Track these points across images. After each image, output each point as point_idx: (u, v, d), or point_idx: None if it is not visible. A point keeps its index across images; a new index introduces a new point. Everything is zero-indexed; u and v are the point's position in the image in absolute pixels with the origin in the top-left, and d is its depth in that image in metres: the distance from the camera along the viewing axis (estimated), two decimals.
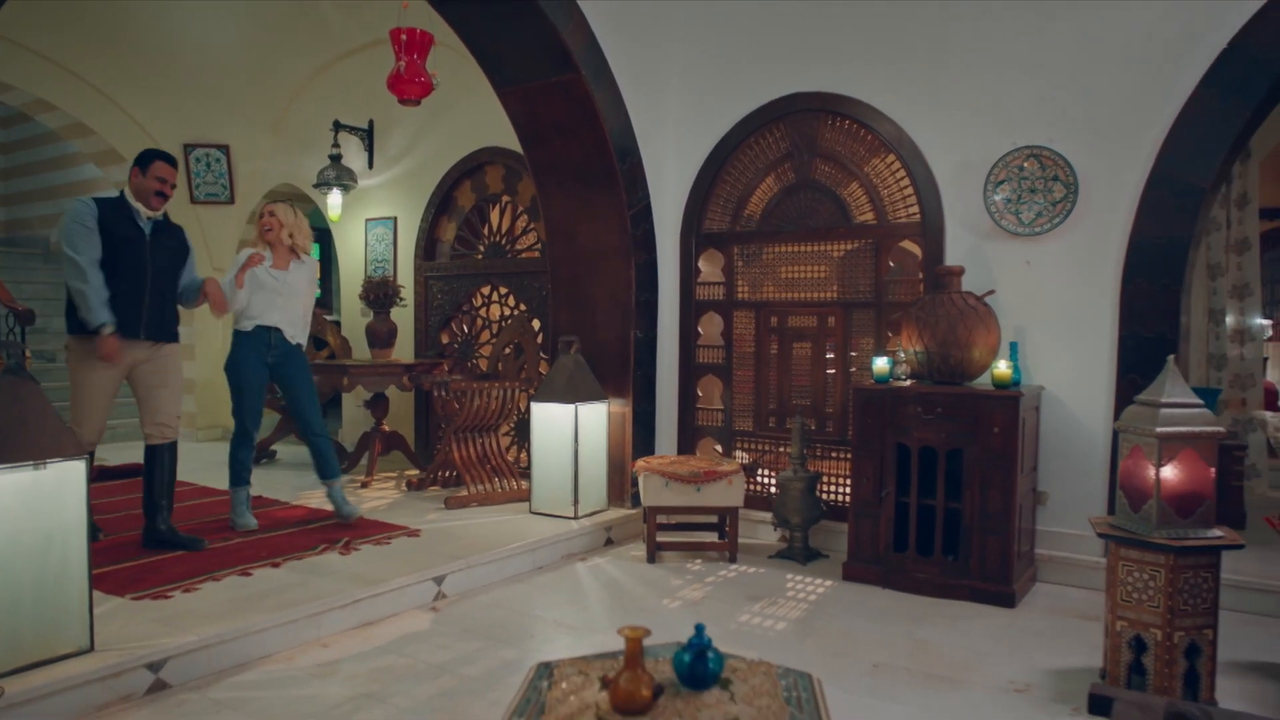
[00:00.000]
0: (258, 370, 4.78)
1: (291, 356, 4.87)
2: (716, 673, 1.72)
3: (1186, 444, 3.04)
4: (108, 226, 4.14)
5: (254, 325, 4.75)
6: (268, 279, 4.77)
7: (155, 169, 4.27)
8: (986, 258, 4.68)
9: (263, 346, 4.78)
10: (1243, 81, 4.07)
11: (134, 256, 4.21)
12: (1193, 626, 3.02)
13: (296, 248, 4.91)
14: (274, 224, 4.85)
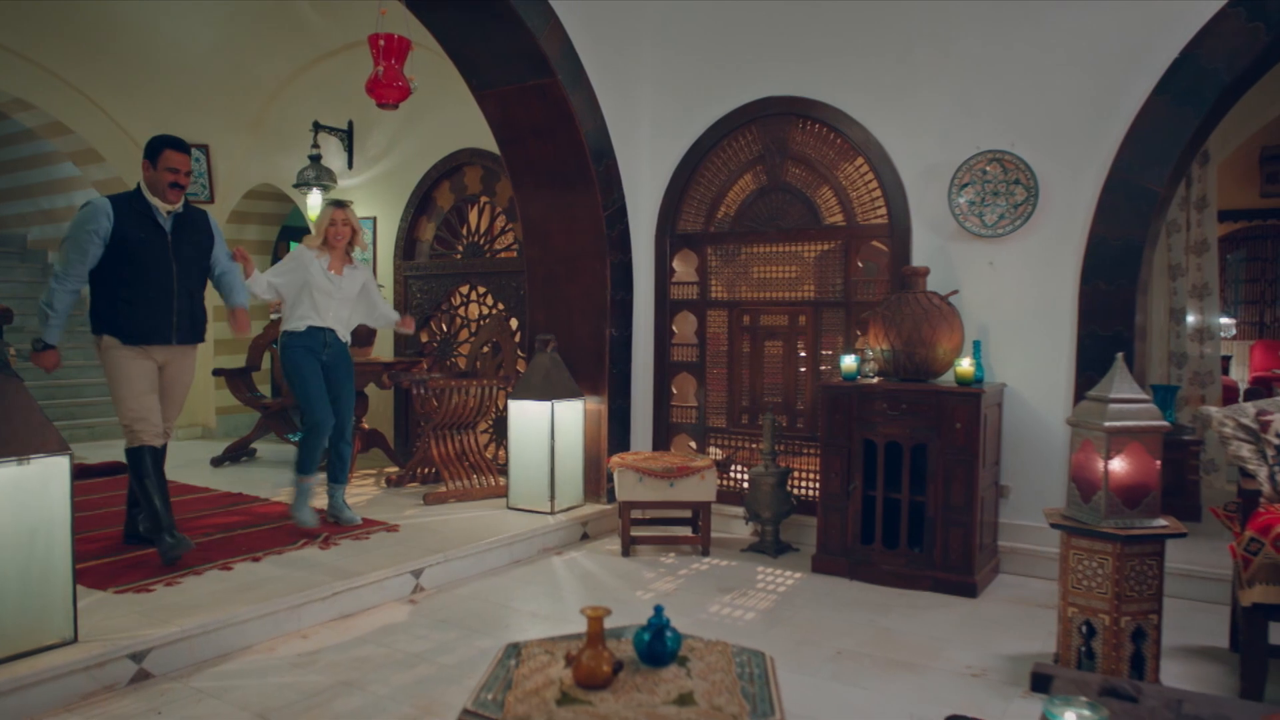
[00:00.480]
0: (310, 362, 4.73)
1: (341, 357, 4.85)
2: (674, 651, 1.83)
3: (1133, 438, 3.18)
4: (125, 230, 3.98)
5: (306, 325, 4.71)
6: (323, 281, 4.72)
7: (165, 159, 4.05)
8: (951, 258, 4.82)
9: (317, 345, 4.74)
10: (1193, 90, 4.22)
11: (158, 259, 4.06)
12: (1139, 611, 3.16)
13: (351, 253, 4.89)
14: (345, 232, 4.78)
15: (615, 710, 1.60)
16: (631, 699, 1.65)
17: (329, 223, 4.76)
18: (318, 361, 4.75)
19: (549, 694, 1.67)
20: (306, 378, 4.71)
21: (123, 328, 4.02)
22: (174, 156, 4.06)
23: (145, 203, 4.05)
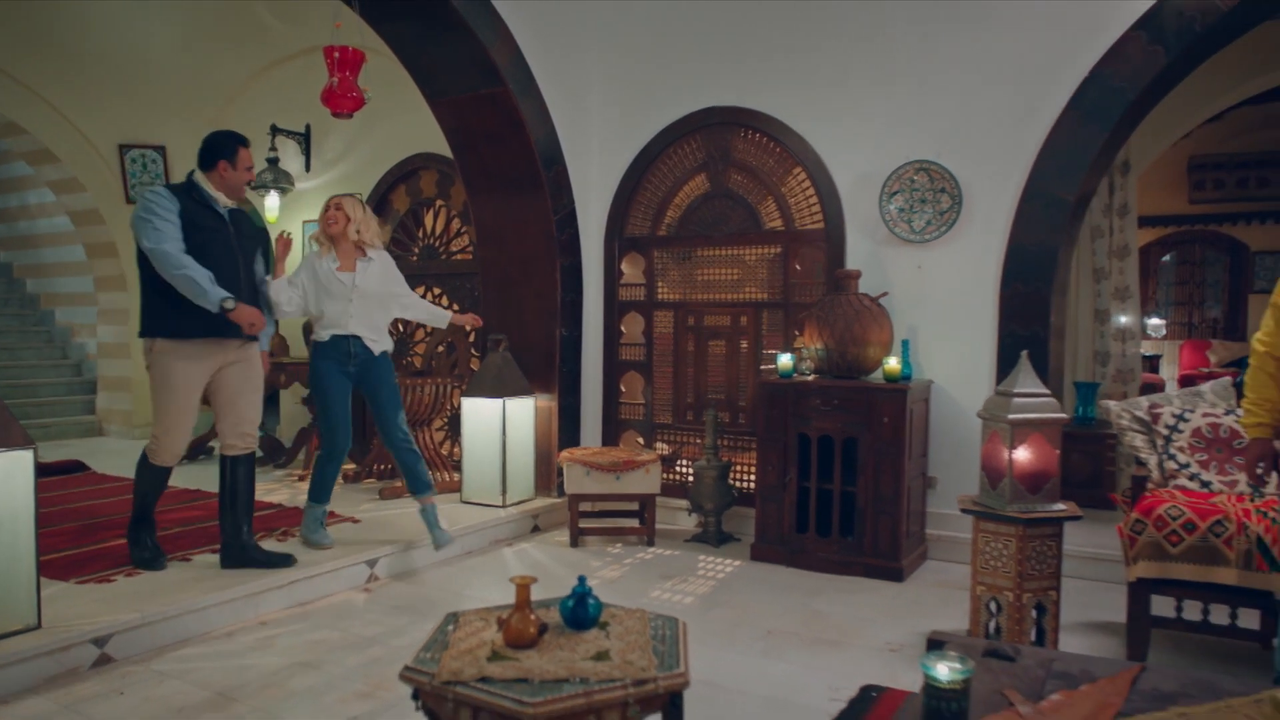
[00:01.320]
0: (340, 382, 4.40)
1: (373, 366, 4.47)
2: (596, 617, 2.05)
3: (1035, 429, 3.45)
4: (191, 217, 3.78)
5: (330, 335, 4.38)
6: (334, 284, 4.35)
7: (243, 158, 3.93)
8: (883, 262, 5.09)
9: (342, 356, 4.39)
10: (1101, 107, 4.53)
11: (224, 247, 3.88)
12: (1039, 589, 3.44)
13: (364, 244, 4.45)
14: (339, 217, 4.38)
15: (539, 664, 1.82)
16: (554, 656, 1.87)
17: (322, 209, 4.45)
18: (345, 376, 4.41)
19: (481, 652, 1.87)
20: (328, 398, 4.39)
21: (188, 323, 3.78)
22: (248, 154, 3.97)
23: (204, 193, 3.88)
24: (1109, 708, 2.06)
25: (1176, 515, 3.31)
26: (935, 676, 1.92)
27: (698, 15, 5.58)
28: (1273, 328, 2.86)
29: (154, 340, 3.83)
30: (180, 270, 3.67)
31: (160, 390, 3.86)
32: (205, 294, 3.70)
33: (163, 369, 3.84)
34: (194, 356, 3.85)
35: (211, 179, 3.91)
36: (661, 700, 1.83)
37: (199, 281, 3.68)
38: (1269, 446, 2.92)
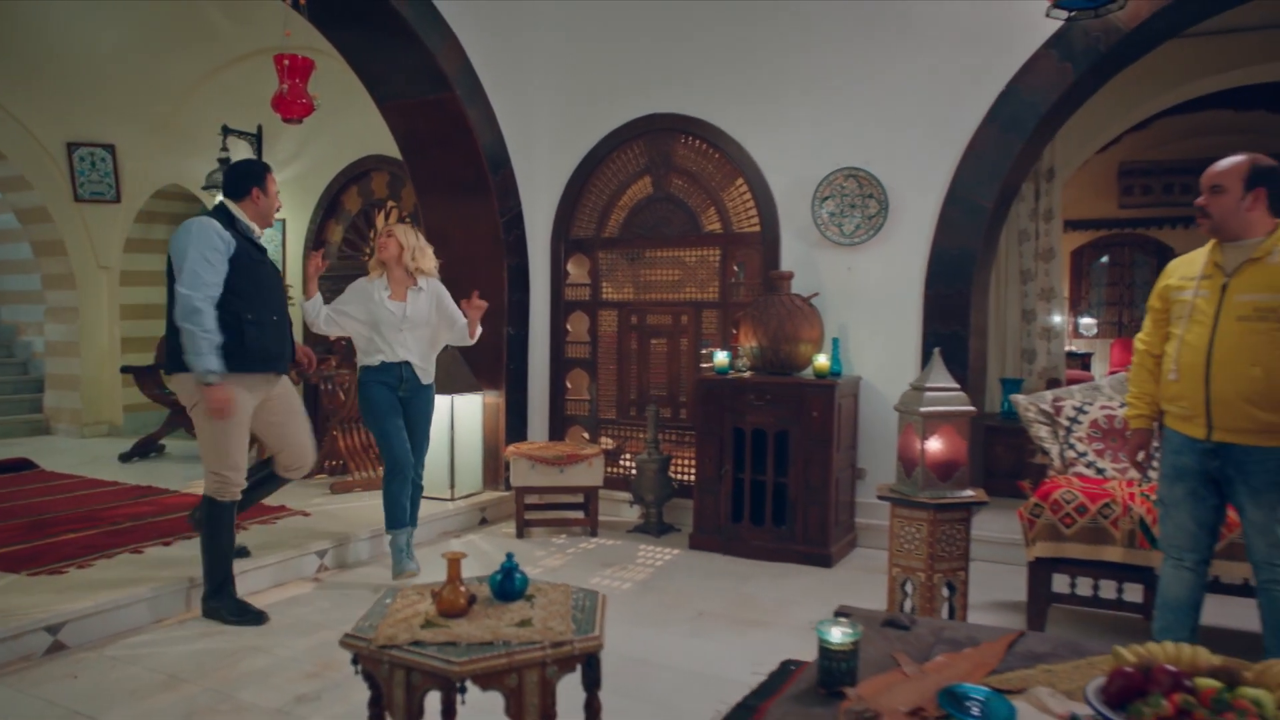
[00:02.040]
0: (391, 403, 4.36)
1: (420, 395, 4.45)
2: (522, 590, 2.24)
3: (945, 421, 3.70)
4: (241, 250, 3.70)
5: (380, 360, 4.33)
6: (385, 313, 4.30)
7: (272, 183, 3.89)
8: (815, 264, 5.34)
9: (393, 380, 4.35)
10: (1016, 119, 4.82)
11: (272, 280, 3.86)
12: (949, 569, 3.69)
13: (419, 272, 4.41)
14: (390, 244, 4.36)
15: (467, 630, 2.01)
16: (482, 623, 2.06)
17: (375, 237, 4.32)
18: (396, 397, 4.38)
19: (415, 621, 2.06)
20: (381, 416, 4.34)
21: (244, 356, 3.69)
22: (274, 180, 3.93)
23: (244, 225, 3.80)
24: (984, 666, 2.29)
25: (1070, 499, 3.59)
26: (828, 639, 2.15)
27: (641, 26, 5.79)
28: (1151, 329, 3.14)
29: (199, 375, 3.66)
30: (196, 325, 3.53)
31: (224, 425, 3.70)
32: (200, 356, 3.54)
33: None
34: (247, 388, 3.76)
35: (245, 207, 3.82)
36: (578, 660, 2.03)
37: (201, 342, 3.54)
38: (1148, 436, 3.20)
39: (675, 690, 3.19)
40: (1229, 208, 2.90)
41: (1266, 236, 2.87)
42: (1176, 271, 3.08)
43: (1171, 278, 3.08)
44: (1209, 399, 2.90)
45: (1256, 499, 2.87)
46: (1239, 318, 2.86)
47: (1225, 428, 2.89)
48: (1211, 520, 3.03)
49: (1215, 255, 2.96)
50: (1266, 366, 2.80)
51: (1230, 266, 2.91)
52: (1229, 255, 2.93)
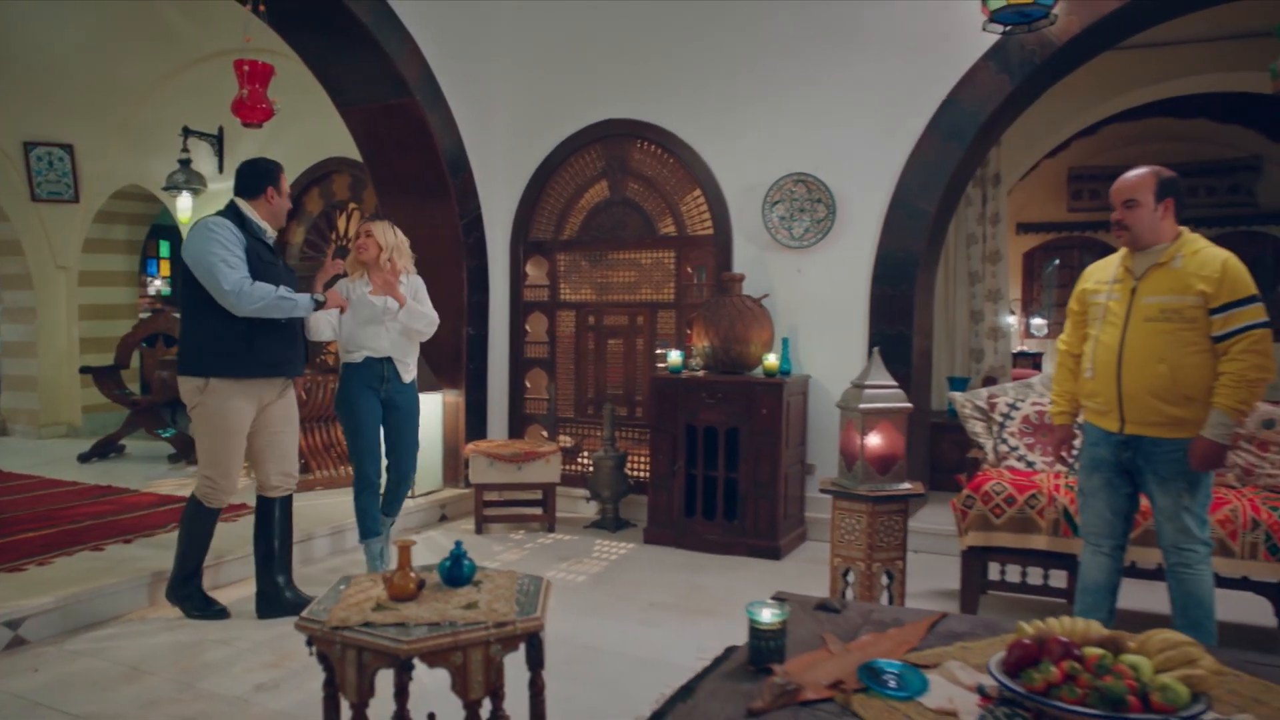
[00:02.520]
0: (370, 406, 4.26)
1: (403, 394, 4.35)
2: (470, 576, 2.37)
3: (884, 417, 3.87)
4: (251, 253, 3.67)
5: (363, 356, 4.24)
6: (367, 308, 4.22)
7: (284, 182, 3.85)
8: (766, 266, 5.51)
9: (375, 379, 4.25)
10: (956, 128, 5.02)
11: (284, 280, 3.78)
12: (887, 559, 3.86)
13: (398, 270, 4.34)
14: (369, 244, 4.26)
15: (416, 612, 2.13)
16: (430, 606, 2.18)
17: (354, 235, 4.29)
18: (376, 399, 4.27)
19: (367, 605, 2.18)
20: (359, 424, 4.25)
21: (254, 363, 3.69)
22: (286, 179, 3.90)
23: (255, 225, 3.77)
24: (906, 644, 2.46)
25: (1000, 491, 3.78)
26: (757, 619, 2.30)
27: (598, 35, 5.92)
28: (1070, 330, 3.34)
29: (207, 380, 3.66)
30: (266, 299, 3.57)
31: (216, 431, 3.69)
32: (296, 304, 3.66)
33: (219, 409, 3.68)
34: (248, 395, 3.73)
35: (257, 207, 3.78)
36: (520, 639, 2.16)
37: (287, 298, 3.61)
38: (1069, 431, 3.40)
39: (624, 675, 3.33)
40: (1145, 220, 3.09)
41: (1171, 243, 3.07)
42: (1092, 276, 3.28)
43: (1088, 282, 3.27)
44: (1121, 394, 3.09)
45: (1164, 487, 3.07)
46: (1147, 319, 3.06)
47: (1136, 421, 3.08)
48: (1126, 508, 3.23)
49: (1126, 261, 3.16)
50: (1171, 363, 3.00)
51: (1139, 271, 3.11)
52: (1138, 261, 3.13)
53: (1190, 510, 3.06)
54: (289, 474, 3.98)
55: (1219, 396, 2.96)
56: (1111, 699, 1.82)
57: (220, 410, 3.68)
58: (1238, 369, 2.94)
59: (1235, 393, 2.94)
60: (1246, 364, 2.93)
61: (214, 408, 3.68)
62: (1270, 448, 3.79)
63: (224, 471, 3.76)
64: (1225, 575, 3.48)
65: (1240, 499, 3.55)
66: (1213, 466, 3.02)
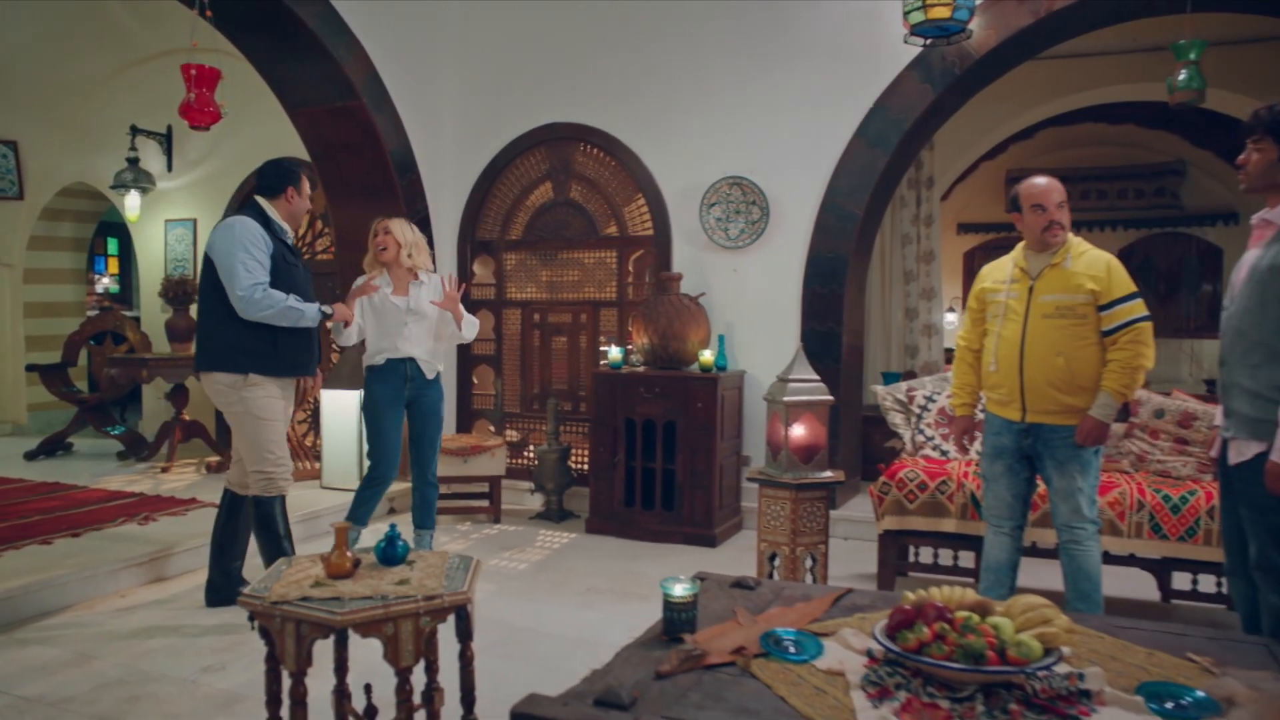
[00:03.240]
0: (393, 406, 4.31)
1: (427, 392, 4.39)
2: (404, 556, 2.54)
3: (807, 409, 4.10)
4: (276, 255, 3.70)
5: (385, 359, 4.27)
6: (389, 309, 4.23)
7: (305, 184, 3.86)
8: (703, 266, 5.73)
9: (398, 380, 4.29)
10: (882, 135, 5.28)
11: (305, 286, 3.82)
12: (810, 543, 4.09)
13: (417, 266, 4.36)
14: (389, 243, 4.27)
15: (351, 588, 2.30)
16: (365, 583, 2.35)
17: (371, 234, 4.37)
18: (400, 401, 4.33)
19: (305, 582, 2.34)
20: (380, 423, 4.30)
21: (279, 361, 3.74)
22: (307, 180, 3.93)
23: (277, 225, 3.80)
24: (809, 615, 2.67)
25: (913, 477, 4.03)
26: (670, 592, 2.50)
27: (543, 41, 6.10)
28: (969, 327, 3.59)
29: (247, 375, 3.70)
30: (275, 307, 3.61)
31: (262, 421, 3.73)
32: (303, 315, 3.69)
33: (262, 401, 3.72)
34: (283, 388, 3.82)
35: (278, 206, 3.81)
36: (449, 612, 2.34)
37: (294, 308, 3.66)
38: (970, 422, 3.66)
39: (559, 653, 3.52)
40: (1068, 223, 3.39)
41: (1062, 245, 3.35)
42: (989, 276, 3.53)
43: (986, 281, 3.53)
44: (1023, 386, 3.35)
45: (1060, 470, 3.34)
46: (1044, 315, 3.33)
47: (1036, 410, 3.35)
48: (1025, 491, 3.49)
49: (1020, 261, 3.42)
50: (1068, 356, 3.28)
51: (1035, 271, 3.38)
52: (1032, 262, 3.39)
53: (1082, 491, 3.34)
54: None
55: (1108, 381, 3.24)
56: (973, 654, 2.05)
57: (264, 402, 3.72)
58: (1125, 357, 3.23)
59: (1121, 378, 3.23)
60: (1133, 353, 3.23)
61: (256, 400, 3.71)
62: (1160, 435, 4.09)
63: (277, 459, 3.78)
64: (1115, 553, 3.77)
65: (1129, 483, 3.84)
66: (1097, 442, 3.30)
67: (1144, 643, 2.42)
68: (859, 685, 2.11)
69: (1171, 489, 3.77)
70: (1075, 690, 2.05)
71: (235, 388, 3.71)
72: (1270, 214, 2.63)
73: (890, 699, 2.04)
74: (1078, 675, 2.11)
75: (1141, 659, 2.31)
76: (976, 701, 2.01)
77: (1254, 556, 2.62)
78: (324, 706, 2.69)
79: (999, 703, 2.00)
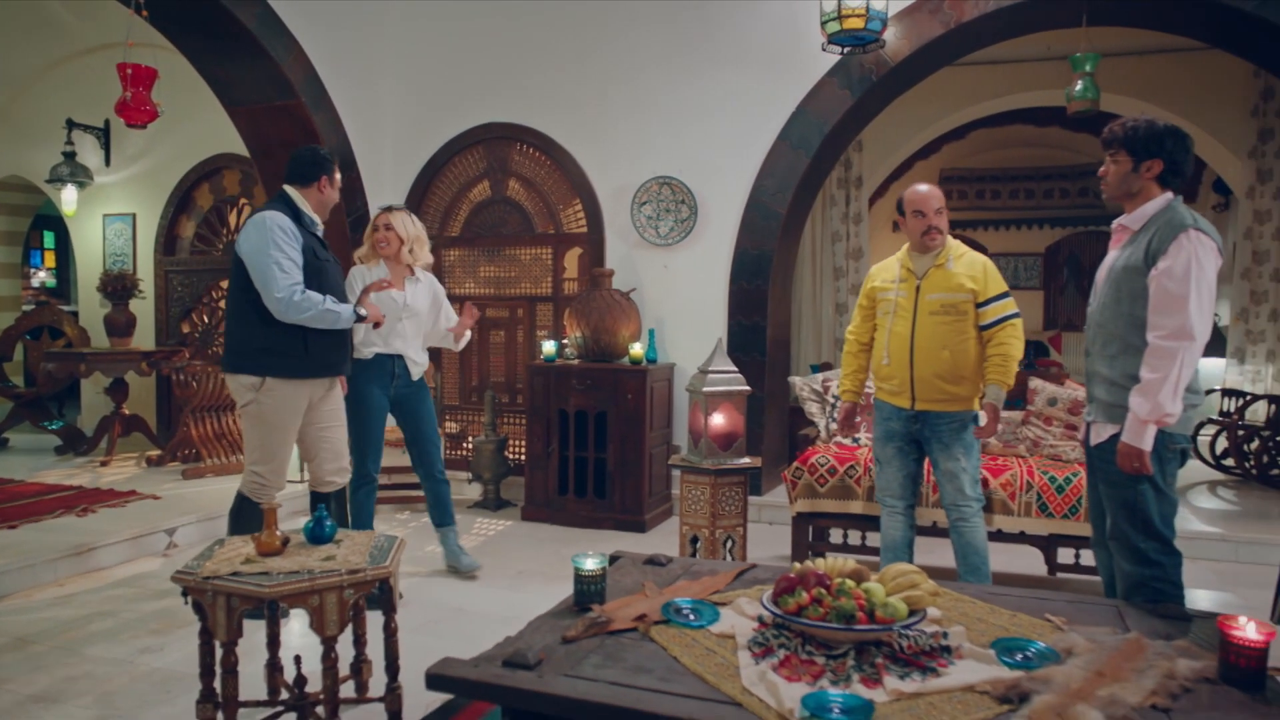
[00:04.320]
0: (379, 403, 4.22)
1: (413, 392, 4.33)
2: (331, 535, 2.72)
3: (725, 399, 4.33)
4: (306, 251, 3.57)
5: (374, 353, 4.16)
6: (386, 301, 4.11)
7: (337, 173, 3.76)
8: (635, 262, 5.94)
9: (385, 377, 4.20)
10: (804, 137, 5.53)
11: (335, 280, 3.73)
12: (729, 526, 4.32)
13: (415, 263, 4.29)
14: (391, 239, 4.19)
15: (279, 564, 2.47)
16: (294, 559, 2.52)
17: (372, 228, 4.27)
18: (386, 396, 4.25)
19: (237, 559, 2.51)
20: (367, 420, 4.19)
21: (309, 362, 3.62)
22: (337, 169, 3.80)
23: (307, 217, 3.66)
24: (712, 588, 2.90)
25: (824, 463, 4.29)
26: (580, 566, 2.72)
27: (481, 42, 6.25)
28: (859, 322, 3.85)
29: (264, 379, 3.58)
30: (313, 310, 3.48)
31: (270, 428, 3.64)
32: (339, 317, 3.57)
33: (274, 408, 3.61)
34: (301, 394, 3.68)
35: (308, 196, 3.68)
36: (371, 585, 2.52)
37: (332, 310, 3.54)
38: (854, 408, 3.93)
39: (486, 630, 3.69)
40: (945, 228, 3.65)
41: (944, 248, 3.62)
42: (878, 276, 3.79)
43: (875, 280, 3.79)
44: (913, 377, 3.61)
45: (946, 452, 3.61)
46: (930, 313, 3.59)
47: (924, 399, 3.61)
48: (914, 472, 3.76)
49: (906, 262, 3.69)
50: (952, 350, 3.55)
51: (920, 271, 3.64)
52: (918, 263, 3.66)
53: (966, 472, 3.61)
54: (344, 468, 3.96)
55: (994, 374, 3.53)
56: (844, 615, 2.29)
57: (275, 409, 3.61)
58: (1004, 350, 3.53)
59: (1003, 369, 3.53)
60: (1009, 346, 3.54)
61: (269, 406, 3.60)
62: (1053, 421, 4.40)
63: (274, 468, 3.70)
64: (1007, 530, 4.07)
65: (1021, 465, 4.14)
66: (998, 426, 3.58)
67: (1011, 606, 2.70)
68: (745, 646, 2.34)
69: (1057, 471, 4.07)
70: (938, 646, 2.31)
71: (253, 389, 3.60)
72: (1126, 219, 2.91)
73: (771, 656, 2.28)
74: (942, 633, 2.37)
75: (1005, 620, 2.58)
76: (849, 657, 2.25)
77: (1109, 527, 2.91)
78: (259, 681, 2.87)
79: (869, 658, 2.24)
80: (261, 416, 3.62)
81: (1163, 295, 2.68)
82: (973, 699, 2.04)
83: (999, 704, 2.02)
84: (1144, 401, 2.68)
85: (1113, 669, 2.18)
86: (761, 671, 2.18)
